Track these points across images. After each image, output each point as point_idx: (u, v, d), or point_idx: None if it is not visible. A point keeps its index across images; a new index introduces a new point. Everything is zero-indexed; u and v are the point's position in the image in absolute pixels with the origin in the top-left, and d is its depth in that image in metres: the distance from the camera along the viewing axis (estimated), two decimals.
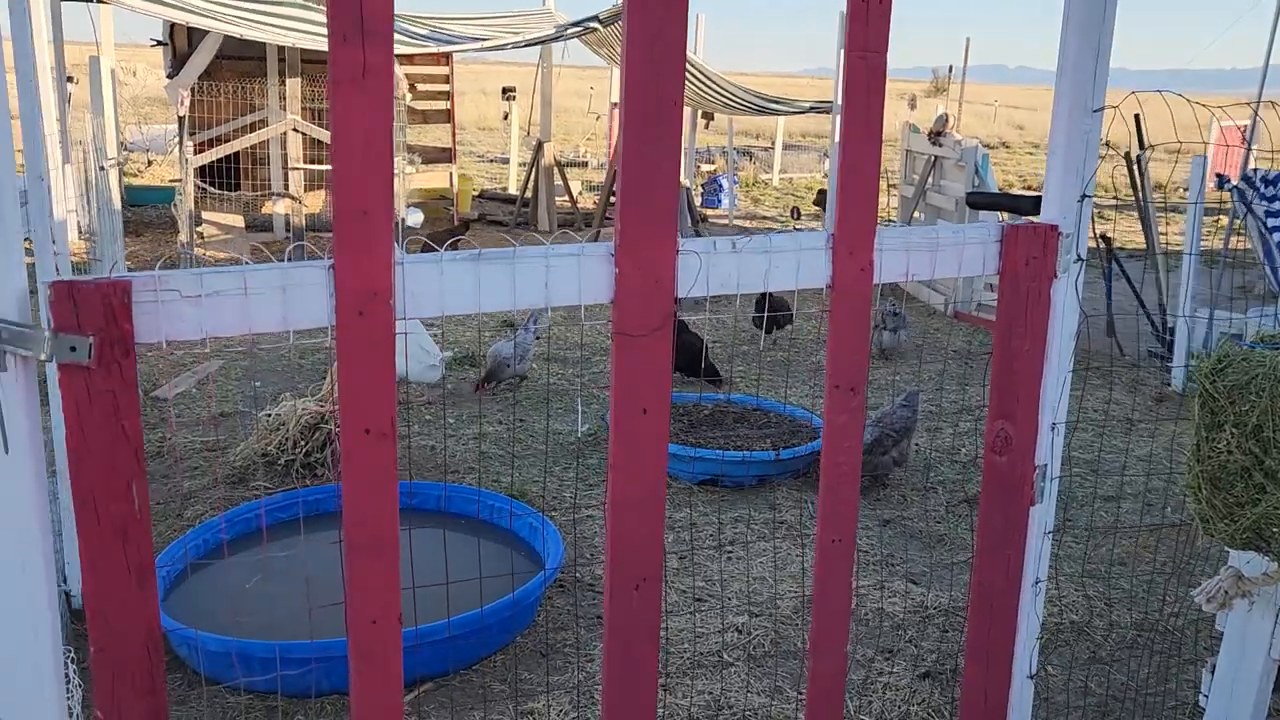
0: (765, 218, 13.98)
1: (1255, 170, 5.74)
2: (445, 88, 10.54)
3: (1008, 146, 28.14)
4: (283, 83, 8.58)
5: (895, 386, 6.41)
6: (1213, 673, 2.48)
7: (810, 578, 3.75)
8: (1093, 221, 6.97)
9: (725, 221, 12.73)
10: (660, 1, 1.74)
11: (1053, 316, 2.16)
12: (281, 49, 8.75)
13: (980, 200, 8.06)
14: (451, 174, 10.81)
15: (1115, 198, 15.02)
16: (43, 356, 1.52)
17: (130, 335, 1.56)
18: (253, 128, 9.35)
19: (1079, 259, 2.15)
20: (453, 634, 2.79)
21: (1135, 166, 6.71)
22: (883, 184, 16.91)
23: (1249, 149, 8.27)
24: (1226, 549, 2.36)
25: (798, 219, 13.32)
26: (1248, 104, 6.34)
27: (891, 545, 4.12)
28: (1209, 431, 2.22)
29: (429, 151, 10.61)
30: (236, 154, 8.84)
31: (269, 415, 4.49)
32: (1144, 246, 7.35)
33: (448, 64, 10.57)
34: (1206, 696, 2.50)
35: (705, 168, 16.28)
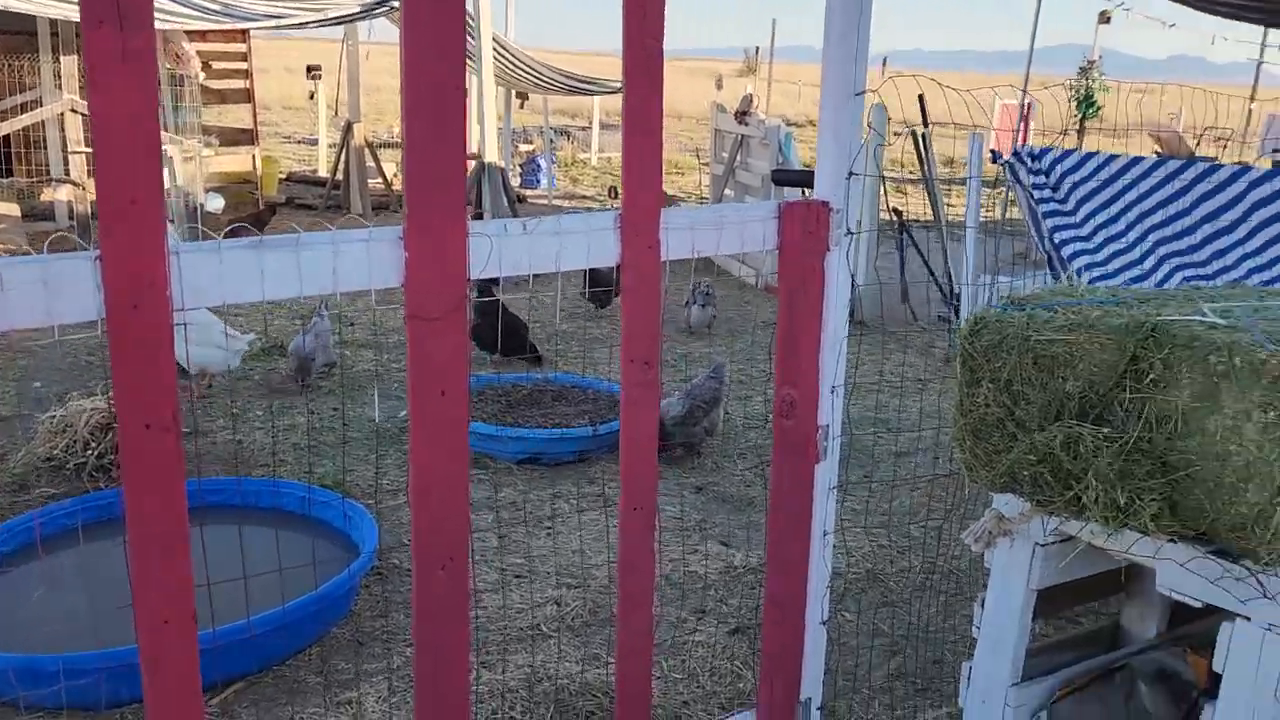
0: (584, 197, 14.07)
1: (1024, 146, 6.24)
2: (243, 65, 10.05)
3: (814, 124, 29.27)
4: (57, 60, 7.96)
5: (709, 359, 6.64)
6: (983, 606, 2.73)
7: None
8: (886, 196, 7.42)
9: (545, 201, 12.73)
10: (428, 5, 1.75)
11: (828, 287, 2.32)
12: (54, 22, 8.12)
13: (783, 177, 8.41)
14: (254, 156, 10.34)
15: (910, 173, 15.93)
16: None
17: None
18: (25, 108, 8.64)
19: (849, 233, 2.31)
20: (258, 632, 2.73)
21: (920, 143, 7.16)
22: (695, 162, 17.31)
23: (1019, 126, 8.94)
24: (990, 493, 2.61)
25: (616, 198, 13.47)
26: (1011, 86, 6.86)
27: (704, 511, 4.29)
28: (969, 388, 2.44)
29: (228, 133, 10.10)
30: (7, 137, 8.15)
31: (53, 417, 4.22)
32: (933, 218, 7.87)
33: (245, 41, 10.08)
34: (979, 628, 2.75)
35: (523, 148, 16.20)
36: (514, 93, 12.36)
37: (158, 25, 7.78)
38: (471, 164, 9.63)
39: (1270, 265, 4.85)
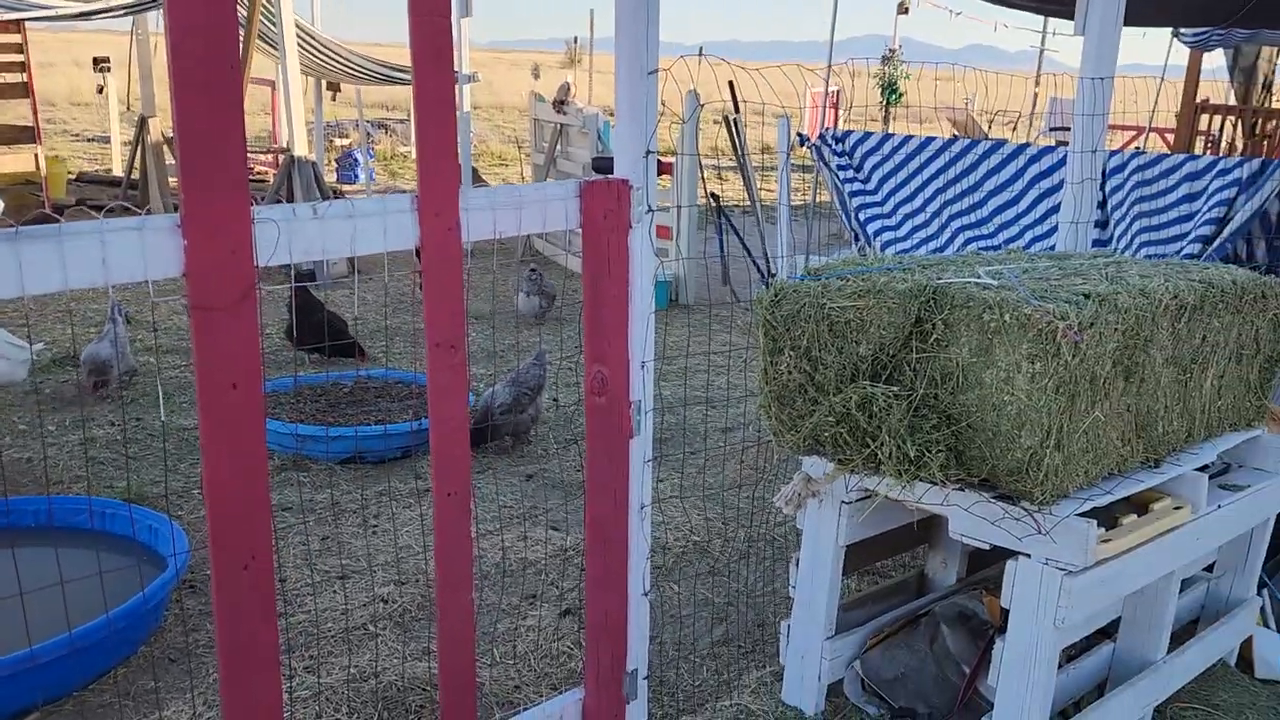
0: (405, 191, 13.75)
1: (828, 129, 6.52)
2: (19, 58, 9.29)
3: (591, 107, 29.58)
4: None
5: (538, 348, 6.62)
6: (798, 566, 2.85)
7: None
8: (703, 181, 7.56)
9: (363, 196, 12.37)
10: None
11: (631, 263, 2.35)
12: None
13: (604, 164, 8.46)
14: (38, 155, 9.59)
15: (726, 161, 16.36)
16: None
17: None
18: None
19: (650, 210, 2.35)
20: (46, 658, 2.56)
21: (732, 128, 7.36)
22: (517, 153, 17.20)
23: (826, 110, 9.32)
24: (798, 457, 2.72)
25: None
26: (810, 69, 7.13)
27: (534, 498, 4.29)
28: (772, 356, 2.54)
29: (6, 131, 9.32)
30: None
31: None
32: (749, 202, 8.11)
33: (19, 32, 9.32)
34: (794, 588, 2.87)
35: (339, 142, 15.68)
36: (324, 84, 11.94)
37: None
38: (282, 159, 9.24)
39: (1049, 234, 5.25)
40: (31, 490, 4.07)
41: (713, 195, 7.76)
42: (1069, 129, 4.09)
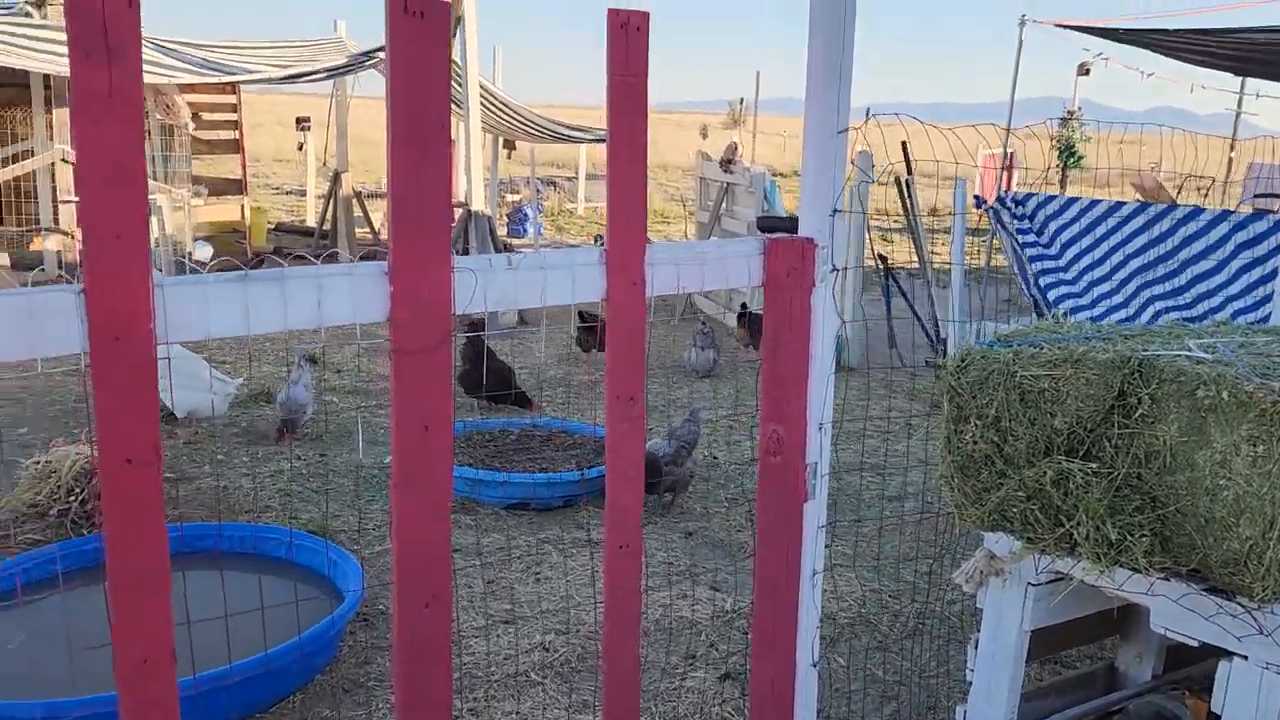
0: (571, 246, 14.14)
1: (1007, 192, 6.32)
2: (232, 117, 10.13)
3: (799, 174, 29.57)
4: (49, 111, 8.01)
5: (716, 402, 6.63)
6: (976, 648, 2.70)
7: None
8: (872, 243, 7.47)
9: (531, 250, 12.79)
10: (422, 26, 1.77)
11: (814, 323, 2.31)
12: (47, 75, 8.18)
13: (769, 224, 8.47)
14: (243, 206, 10.38)
15: (895, 222, 16.10)
16: None
17: None
18: (16, 159, 8.68)
19: (834, 269, 2.32)
20: (239, 678, 2.68)
21: (904, 190, 7.23)
22: (681, 210, 17.43)
23: (1002, 172, 9.06)
24: (980, 532, 2.59)
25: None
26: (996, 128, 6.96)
27: (695, 555, 4.25)
28: (956, 424, 2.44)
29: (217, 183, 10.15)
30: None
31: (37, 463, 4.17)
32: (918, 264, 7.93)
33: (235, 93, 10.17)
34: (972, 671, 2.71)
35: (510, 198, 16.31)
36: (501, 141, 12.48)
37: (150, 79, 7.86)
38: (458, 212, 9.69)
39: (1254, 307, 4.89)
40: (227, 517, 4.33)
41: (880, 257, 7.63)
42: (1278, 195, 3.82)
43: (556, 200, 17.12)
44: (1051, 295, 5.86)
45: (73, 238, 7.82)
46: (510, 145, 12.62)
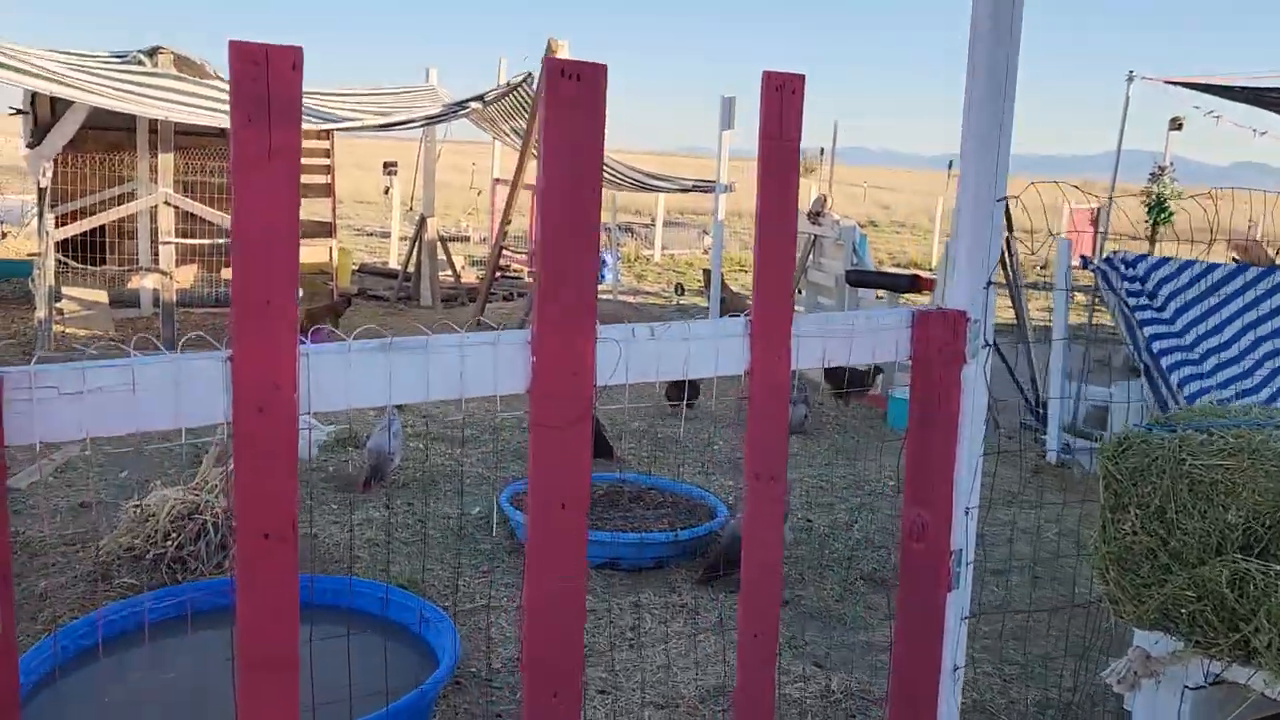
0: (648, 293, 14.12)
1: (1117, 253, 6.10)
2: (326, 161, 10.34)
3: (875, 225, 29.39)
4: (154, 155, 8.26)
5: (809, 459, 6.46)
6: None
7: (717, 665, 3.66)
8: None
9: (610, 296, 12.79)
10: (578, 99, 1.70)
11: (964, 401, 2.18)
12: (153, 120, 8.44)
13: (858, 278, 8.33)
14: (331, 248, 10.56)
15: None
16: None
17: None
18: (120, 200, 8.94)
19: (987, 344, 2.19)
20: None
21: (1005, 249, 7.04)
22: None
23: (1101, 232, 8.80)
24: (1132, 628, 2.40)
25: (681, 295, 13.50)
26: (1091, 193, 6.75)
27: (792, 627, 4.08)
28: (1114, 513, 2.27)
29: (308, 225, 10.33)
30: (102, 227, 8.42)
31: (137, 506, 4.18)
32: (1014, 323, 7.70)
33: (328, 138, 10.39)
34: None
35: None
36: None
37: None
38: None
39: None
40: (318, 567, 4.28)
41: None
42: None
43: (634, 247, 17.16)
44: (1165, 363, 5.60)
45: (170, 277, 8.00)
46: None
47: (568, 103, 1.70)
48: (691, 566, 4.61)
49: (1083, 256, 6.18)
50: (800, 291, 9.09)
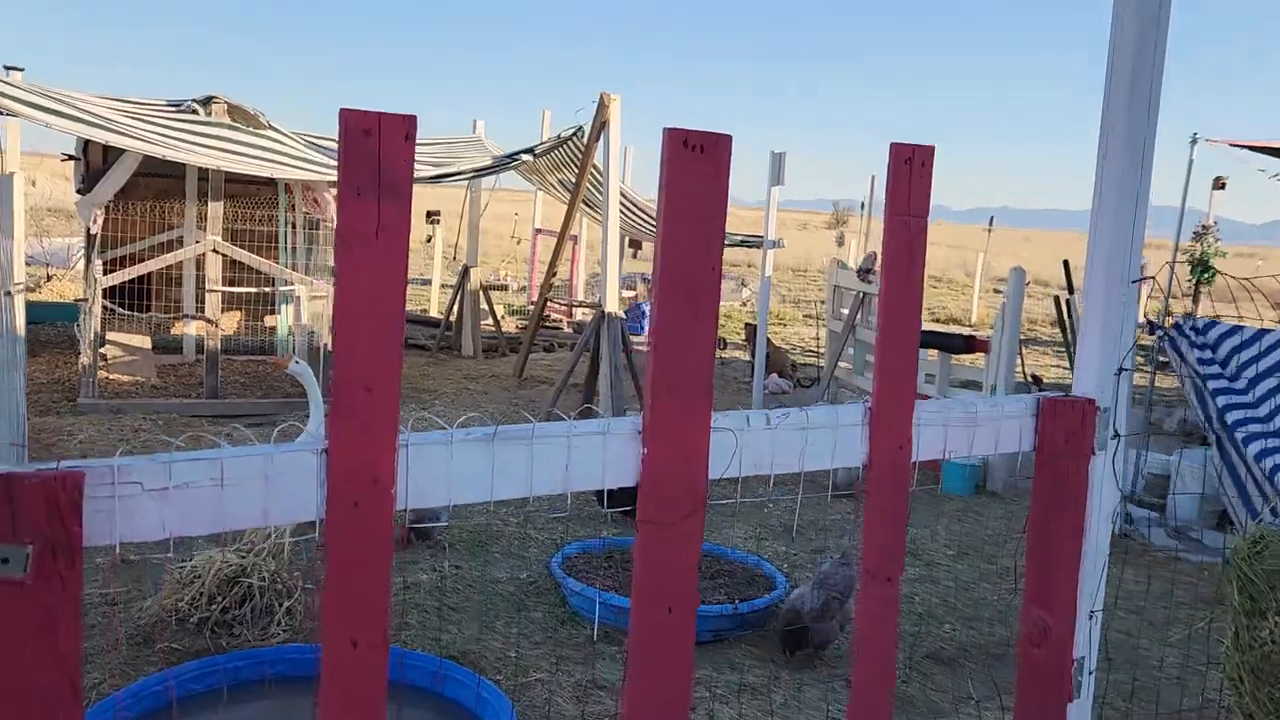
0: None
1: (1187, 318, 5.90)
2: None
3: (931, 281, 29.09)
4: (203, 202, 8.29)
5: (844, 546, 6.26)
6: None
7: None
8: (1022, 359, 6.95)
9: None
10: (701, 164, 1.58)
11: (1090, 496, 2.02)
12: (203, 170, 8.48)
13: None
14: None
15: (1046, 334, 15.53)
16: None
17: (78, 539, 1.27)
18: (166, 247, 8.97)
19: (1117, 435, 2.02)
20: None
21: (1065, 309, 6.86)
22: (795, 313, 17.11)
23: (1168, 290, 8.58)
24: None
25: (723, 348, 13.36)
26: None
27: None
28: (1249, 619, 2.09)
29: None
30: (148, 274, 8.43)
31: (181, 566, 4.06)
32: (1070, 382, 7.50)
33: None
34: None
35: (625, 294, 16.32)
36: (626, 240, 12.49)
37: (305, 176, 8.07)
38: (591, 313, 9.63)
39: None
40: None
41: (1034, 377, 7.22)
42: None
43: None
44: (1239, 434, 5.37)
45: (216, 325, 7.97)
46: (636, 245, 12.64)
47: (688, 176, 1.58)
48: (752, 641, 4.42)
49: (1149, 321, 5.99)
50: (849, 350, 8.93)
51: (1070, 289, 6.84)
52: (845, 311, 9.16)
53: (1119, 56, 1.91)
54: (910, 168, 1.78)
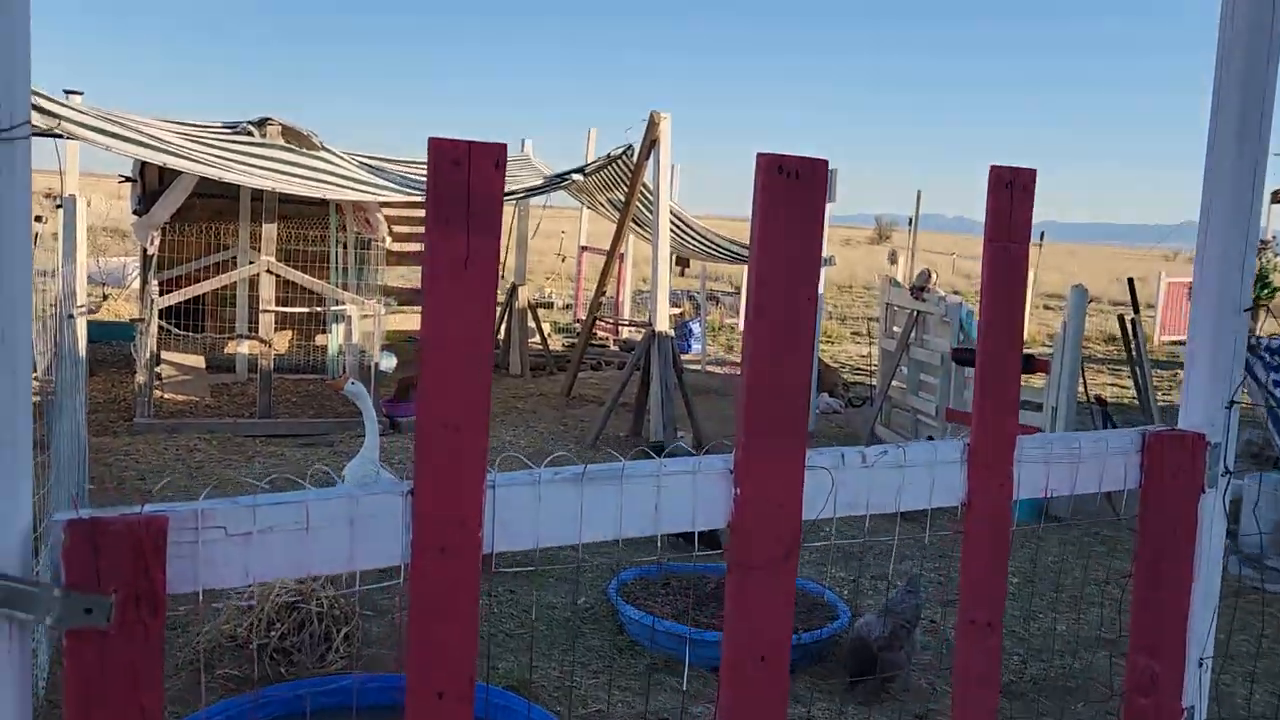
0: (736, 363, 13.87)
1: (1260, 339, 5.71)
2: (422, 230, 10.41)
3: (959, 294, 28.78)
4: (257, 223, 8.38)
5: (910, 573, 6.11)
6: None
7: None
8: (1084, 377, 6.77)
9: (697, 367, 12.59)
10: (796, 190, 1.51)
11: (1200, 536, 1.91)
12: (257, 191, 8.57)
13: (965, 357, 7.99)
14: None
15: (1100, 354, 15.19)
16: (48, 621, 1.17)
17: (162, 587, 1.22)
18: (220, 267, 9.07)
19: (1227, 471, 1.91)
20: None
21: (1130, 328, 6.68)
22: (841, 329, 16.91)
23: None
24: None
25: None
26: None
27: None
28: None
29: (405, 293, 10.40)
30: (202, 293, 8.53)
31: (240, 593, 4.05)
32: (1133, 402, 7.29)
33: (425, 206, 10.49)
34: None
35: (672, 311, 16.26)
36: (674, 257, 12.44)
37: (356, 197, 8.12)
38: (637, 330, 9.59)
39: None
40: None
41: (1098, 399, 7.03)
42: None
43: (718, 315, 16.98)
44: None
45: (270, 345, 8.02)
46: (684, 263, 12.59)
47: (783, 203, 1.51)
48: (816, 673, 4.30)
49: None
50: (903, 370, 8.78)
51: (1135, 308, 6.65)
52: (898, 330, 9.01)
53: (1226, 88, 1.81)
54: (1011, 191, 1.69)
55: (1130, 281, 6.50)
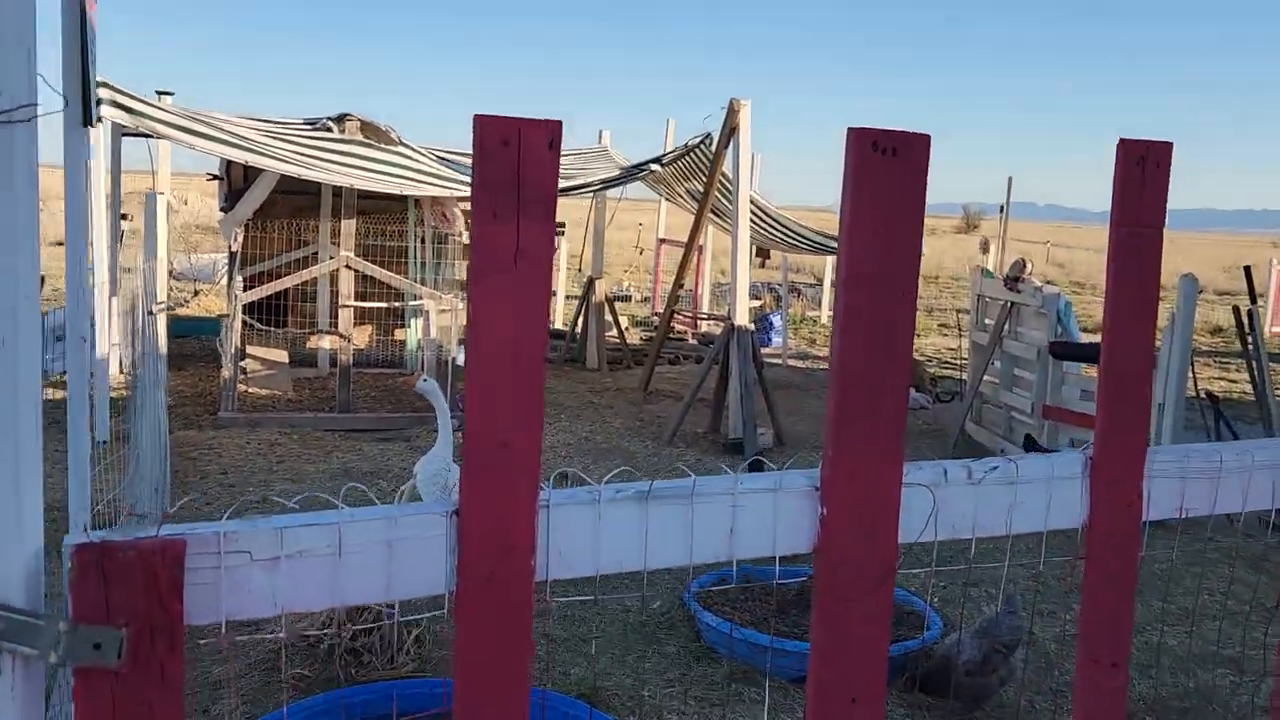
0: (818, 357, 13.57)
1: None
2: None
3: (1051, 285, 27.86)
4: (336, 219, 8.43)
5: (1008, 592, 5.81)
6: None
7: None
8: (1194, 375, 6.35)
9: (779, 361, 12.33)
10: (892, 168, 1.32)
11: None
12: (338, 188, 8.62)
13: (1064, 350, 7.61)
14: None
15: (1205, 345, 14.48)
16: (52, 658, 1.05)
17: (179, 619, 1.10)
18: (301, 263, 9.15)
19: None
20: None
21: (1247, 320, 6.24)
22: (925, 321, 16.43)
23: None
24: None
25: None
26: None
27: None
28: None
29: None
30: (285, 290, 8.62)
31: None
32: (1248, 396, 6.84)
33: None
34: None
35: (752, 304, 16.00)
36: (754, 248, 12.20)
37: (434, 192, 8.10)
38: (716, 323, 9.42)
39: None
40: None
41: (1209, 394, 6.60)
42: None
43: (799, 307, 16.67)
44: None
45: (349, 340, 8.05)
46: (764, 254, 12.34)
47: (878, 184, 1.32)
48: (901, 689, 4.07)
49: None
50: (995, 364, 8.42)
51: (1252, 297, 6.22)
52: (990, 322, 8.65)
53: None
54: (1143, 169, 1.47)
55: (1247, 269, 6.07)
